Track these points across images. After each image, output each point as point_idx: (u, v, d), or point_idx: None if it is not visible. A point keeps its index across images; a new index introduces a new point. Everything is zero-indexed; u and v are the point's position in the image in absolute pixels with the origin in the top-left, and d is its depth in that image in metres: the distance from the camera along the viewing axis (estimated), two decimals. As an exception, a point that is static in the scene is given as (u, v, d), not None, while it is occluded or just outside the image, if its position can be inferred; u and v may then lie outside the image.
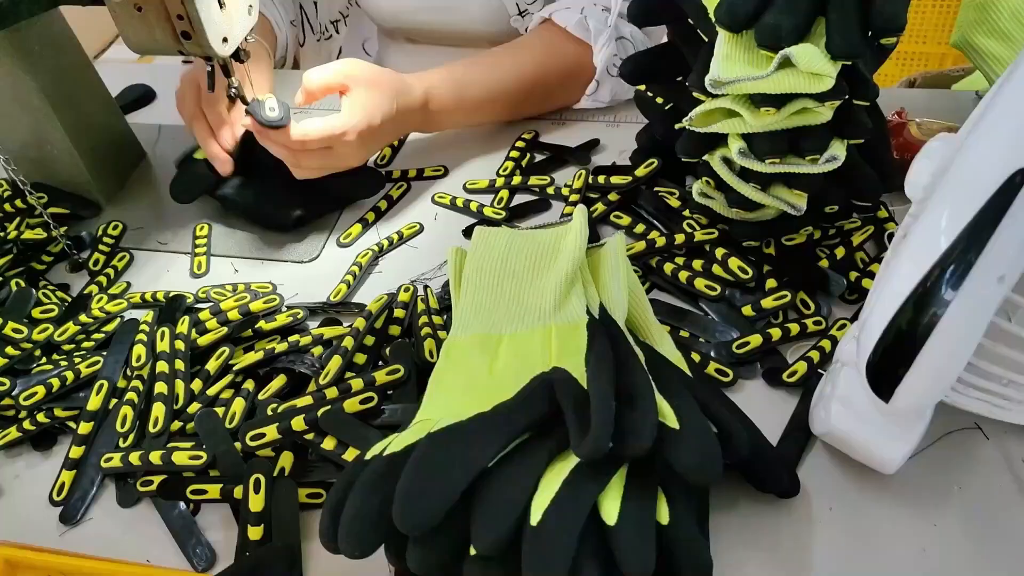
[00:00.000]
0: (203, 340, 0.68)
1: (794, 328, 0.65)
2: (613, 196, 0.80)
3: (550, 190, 0.83)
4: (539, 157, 0.90)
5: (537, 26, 0.93)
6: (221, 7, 0.66)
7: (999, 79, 0.44)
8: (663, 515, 0.48)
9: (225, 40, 0.68)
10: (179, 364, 0.66)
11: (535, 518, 0.45)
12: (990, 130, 0.41)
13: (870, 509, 0.56)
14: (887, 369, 0.46)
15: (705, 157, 0.69)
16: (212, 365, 0.66)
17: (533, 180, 0.84)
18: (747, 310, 0.68)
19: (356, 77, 0.78)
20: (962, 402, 0.49)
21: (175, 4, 0.63)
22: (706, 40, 0.67)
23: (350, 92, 0.77)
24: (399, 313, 0.70)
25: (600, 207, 0.79)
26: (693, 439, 0.48)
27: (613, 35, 0.88)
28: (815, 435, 0.59)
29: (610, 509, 0.46)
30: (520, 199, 0.84)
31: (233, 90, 0.72)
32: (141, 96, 1.02)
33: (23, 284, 0.76)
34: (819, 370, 0.63)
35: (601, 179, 0.81)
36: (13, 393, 0.66)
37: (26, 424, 0.65)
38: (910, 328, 0.44)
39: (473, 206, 0.83)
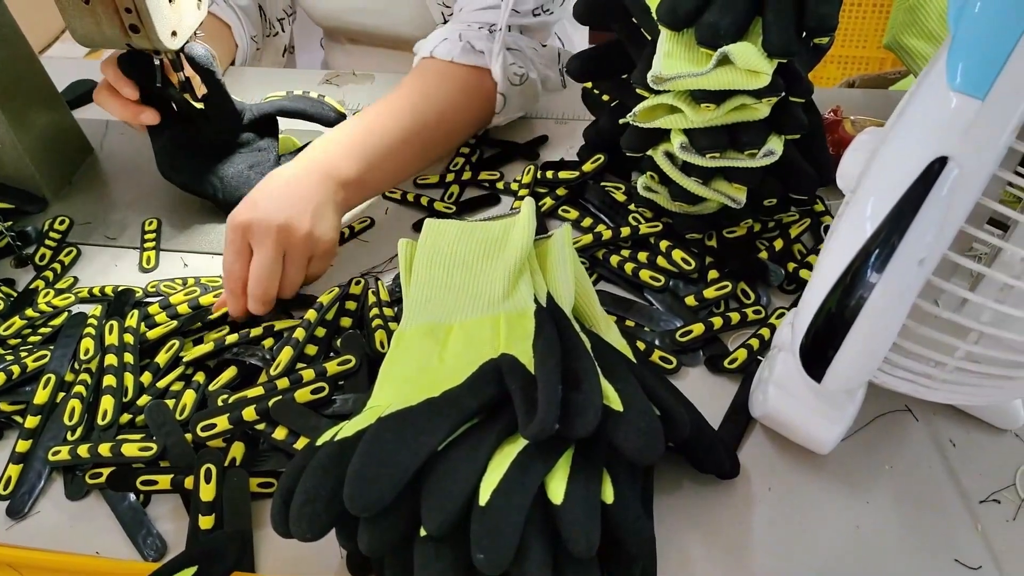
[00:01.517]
0: (152, 334, 0.68)
1: (735, 317, 0.68)
2: (561, 191, 0.81)
3: (499, 185, 0.85)
4: (488, 153, 0.91)
5: (420, 63, 0.86)
6: (170, 0, 0.67)
7: (920, 74, 0.46)
8: (608, 494, 0.49)
9: (174, 34, 0.68)
10: (128, 357, 0.66)
11: (483, 499, 0.46)
12: (910, 122, 0.44)
13: (807, 488, 0.58)
14: (818, 351, 0.48)
15: (649, 152, 0.71)
16: (162, 358, 0.66)
17: (483, 175, 0.86)
18: (690, 300, 0.70)
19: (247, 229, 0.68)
20: (891, 383, 0.51)
21: (123, -4, 0.63)
22: (649, 39, 0.69)
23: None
24: (350, 305, 0.71)
25: (548, 201, 0.80)
26: (636, 420, 0.50)
27: (502, 48, 0.84)
28: (754, 418, 0.61)
29: (557, 489, 0.48)
30: (470, 194, 0.85)
31: (180, 84, 0.72)
32: (87, 91, 1.01)
33: (-34, 278, 0.75)
34: (759, 357, 0.65)
35: (549, 174, 0.83)
36: (-43, 388, 0.65)
37: (-30, 419, 0.64)
38: (839, 310, 0.46)
39: (424, 200, 0.84)
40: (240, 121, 0.80)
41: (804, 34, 0.63)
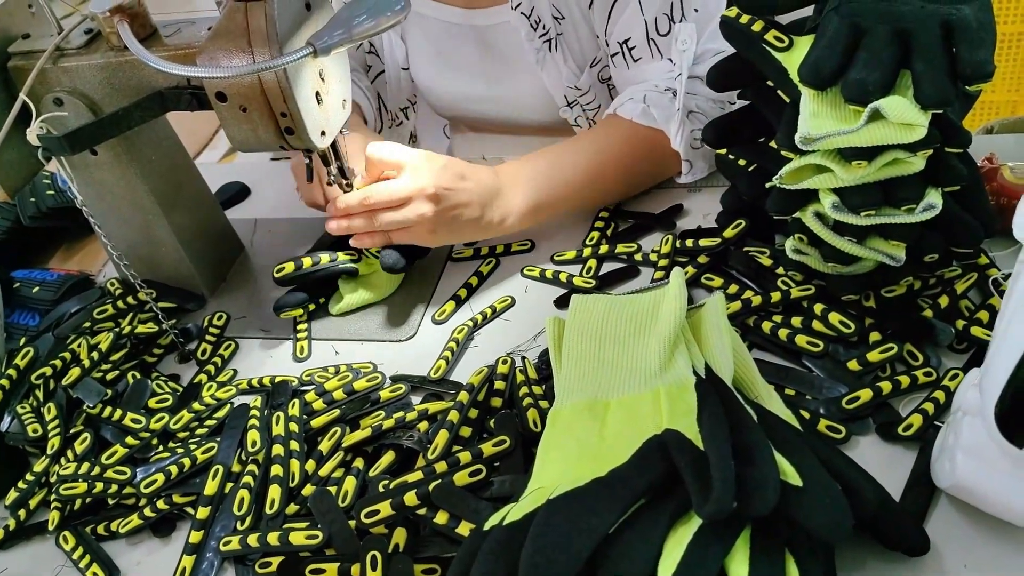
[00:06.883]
0: (316, 422, 0.70)
1: (904, 380, 0.64)
2: (702, 259, 0.80)
3: (638, 257, 0.84)
4: (623, 225, 0.91)
5: (604, 119, 0.93)
6: (319, 103, 0.70)
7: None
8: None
9: (323, 133, 0.71)
10: (294, 445, 0.68)
11: (664, 582, 0.45)
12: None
13: (1008, 564, 0.53)
14: (1019, 414, 0.45)
15: (797, 213, 0.69)
16: (325, 445, 0.68)
17: (620, 248, 0.85)
18: (853, 365, 0.66)
19: (419, 165, 0.78)
20: (1100, 445, 0.47)
21: (279, 102, 0.67)
22: (787, 100, 0.68)
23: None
24: (499, 385, 0.71)
25: (690, 270, 0.79)
26: (820, 495, 0.47)
27: (683, 115, 0.87)
28: (940, 489, 0.57)
29: (739, 571, 0.46)
30: (608, 267, 0.85)
31: (332, 177, 0.76)
32: (237, 193, 1.08)
33: (138, 376, 0.79)
34: (936, 422, 0.61)
35: (689, 243, 0.82)
36: (134, 482, 0.68)
37: (147, 511, 0.67)
38: (1040, 370, 0.43)
39: (563, 277, 0.84)
40: None
41: (956, 81, 0.61)
